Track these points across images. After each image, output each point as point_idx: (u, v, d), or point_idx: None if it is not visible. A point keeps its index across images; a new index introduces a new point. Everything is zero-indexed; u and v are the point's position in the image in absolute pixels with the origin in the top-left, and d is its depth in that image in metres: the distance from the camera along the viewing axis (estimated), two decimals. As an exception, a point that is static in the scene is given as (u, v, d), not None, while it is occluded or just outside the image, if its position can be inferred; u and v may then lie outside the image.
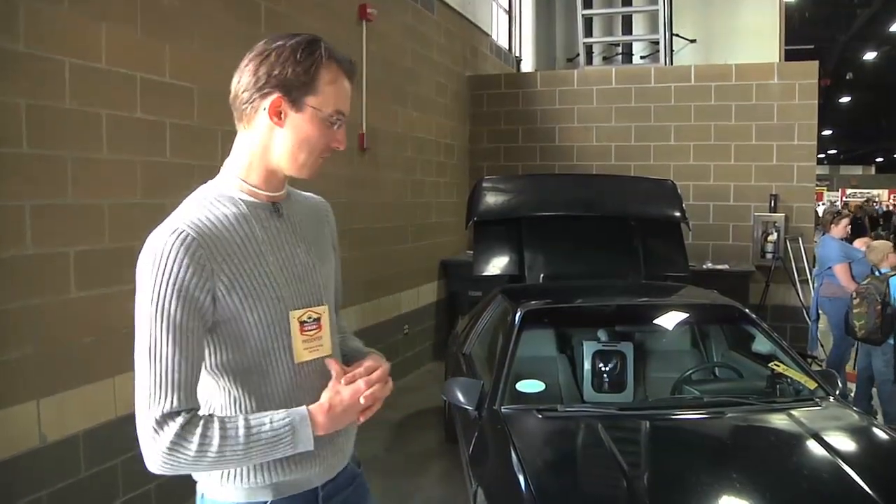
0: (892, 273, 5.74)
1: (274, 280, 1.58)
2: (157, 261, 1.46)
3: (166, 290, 1.45)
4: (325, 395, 1.60)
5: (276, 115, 1.57)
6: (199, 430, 1.46)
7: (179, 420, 1.46)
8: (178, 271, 1.45)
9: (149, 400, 1.46)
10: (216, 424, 1.49)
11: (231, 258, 1.52)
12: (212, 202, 1.58)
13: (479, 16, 9.78)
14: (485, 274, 5.75)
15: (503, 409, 3.55)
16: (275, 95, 1.55)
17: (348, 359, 1.80)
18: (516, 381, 3.77)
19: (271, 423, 1.52)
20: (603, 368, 4.01)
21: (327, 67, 1.57)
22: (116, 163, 3.76)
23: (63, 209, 3.48)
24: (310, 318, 1.65)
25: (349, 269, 2.23)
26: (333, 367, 1.64)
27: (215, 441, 1.47)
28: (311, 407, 1.58)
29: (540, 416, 3.49)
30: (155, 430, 1.45)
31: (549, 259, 5.63)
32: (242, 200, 1.60)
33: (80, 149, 3.58)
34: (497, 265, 5.75)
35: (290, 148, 1.59)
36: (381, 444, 5.61)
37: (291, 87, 1.55)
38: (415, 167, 7.80)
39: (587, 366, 4.05)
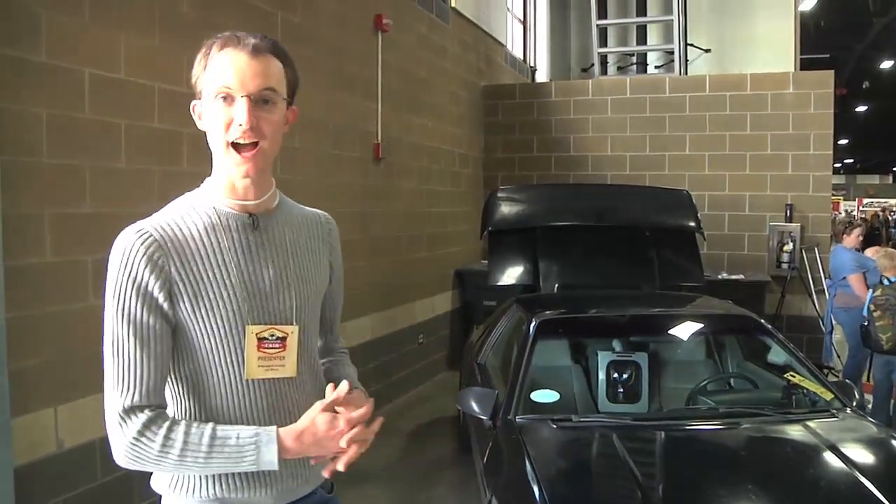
0: None
1: (233, 293, 1.56)
2: (119, 258, 1.50)
3: (126, 286, 1.49)
4: (301, 421, 1.55)
5: (198, 116, 1.61)
6: (163, 430, 1.49)
7: (144, 415, 1.49)
8: (137, 269, 1.49)
9: (114, 392, 1.49)
10: (182, 427, 1.50)
11: (189, 265, 1.53)
12: (188, 209, 1.59)
13: (494, 26, 9.81)
14: (499, 283, 5.75)
15: (518, 419, 3.55)
16: (194, 102, 1.62)
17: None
18: (531, 391, 3.77)
19: (238, 437, 1.51)
20: (618, 379, 4.00)
21: (215, 53, 1.58)
22: (135, 172, 3.80)
23: (82, 218, 3.52)
24: (272, 335, 1.60)
25: (364, 279, 2.23)
26: (329, 393, 1.57)
27: (178, 443, 1.49)
28: (282, 429, 1.53)
29: (554, 426, 3.49)
30: (120, 422, 1.48)
31: (564, 269, 5.62)
32: (217, 210, 1.59)
33: (98, 158, 3.62)
34: (512, 275, 5.74)
35: (211, 142, 1.58)
36: (394, 453, 5.61)
37: (196, 85, 1.59)
38: (429, 177, 7.82)
39: (602, 376, 4.04)
